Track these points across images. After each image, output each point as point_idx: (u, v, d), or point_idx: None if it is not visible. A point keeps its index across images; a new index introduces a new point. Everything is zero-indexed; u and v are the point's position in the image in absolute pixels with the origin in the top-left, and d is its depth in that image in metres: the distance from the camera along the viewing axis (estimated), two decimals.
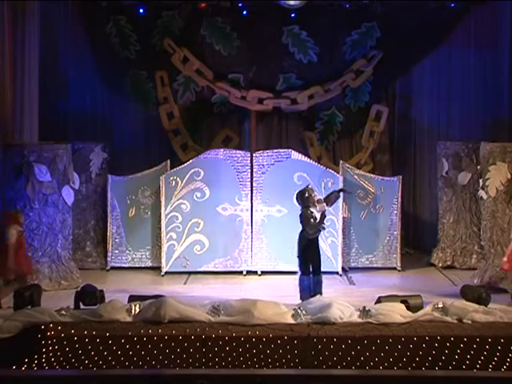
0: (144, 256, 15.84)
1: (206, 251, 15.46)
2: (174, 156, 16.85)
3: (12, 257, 13.27)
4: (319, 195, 13.73)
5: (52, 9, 16.16)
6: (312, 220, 12.92)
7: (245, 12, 17.14)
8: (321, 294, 12.73)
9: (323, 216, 12.99)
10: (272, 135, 17.74)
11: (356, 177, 16.07)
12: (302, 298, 12.75)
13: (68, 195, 14.55)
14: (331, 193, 13.73)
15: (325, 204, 13.09)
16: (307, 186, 13.48)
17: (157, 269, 15.56)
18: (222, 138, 17.54)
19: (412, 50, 17.25)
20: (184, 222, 15.47)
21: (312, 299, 12.28)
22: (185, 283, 14.74)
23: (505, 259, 13.56)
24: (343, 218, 15.73)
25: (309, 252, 13.01)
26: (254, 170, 15.68)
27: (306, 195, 13.15)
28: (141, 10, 17.01)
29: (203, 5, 17.08)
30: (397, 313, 11.62)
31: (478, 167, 15.17)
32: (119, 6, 17.00)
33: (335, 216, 15.47)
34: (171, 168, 15.84)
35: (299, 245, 13.10)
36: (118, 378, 10.33)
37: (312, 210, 12.99)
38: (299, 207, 13.18)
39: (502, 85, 16.90)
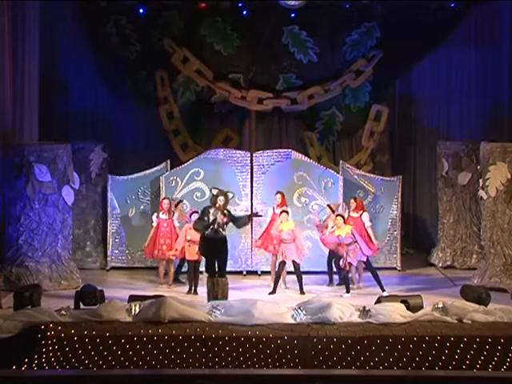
0: (144, 256, 15.83)
1: None
2: (174, 156, 16.85)
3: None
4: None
5: (52, 9, 16.17)
6: (202, 219, 12.94)
7: (245, 12, 17.15)
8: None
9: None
10: (272, 135, 17.74)
11: (356, 177, 16.07)
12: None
13: (68, 195, 14.54)
14: (242, 216, 13.51)
15: (223, 217, 12.87)
16: (222, 190, 13.15)
17: (157, 269, 15.52)
18: (222, 138, 17.54)
19: (412, 50, 17.26)
20: None
21: (311, 299, 12.25)
22: (185, 283, 14.72)
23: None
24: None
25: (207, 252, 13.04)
26: (254, 170, 15.69)
27: (214, 195, 12.99)
28: (141, 10, 17.02)
29: (203, 5, 17.09)
30: (397, 313, 11.62)
31: (478, 167, 15.18)
32: (119, 6, 17.00)
33: None
34: (171, 168, 15.85)
35: None
36: (118, 378, 10.29)
37: (211, 211, 12.86)
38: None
39: (502, 85, 16.92)
